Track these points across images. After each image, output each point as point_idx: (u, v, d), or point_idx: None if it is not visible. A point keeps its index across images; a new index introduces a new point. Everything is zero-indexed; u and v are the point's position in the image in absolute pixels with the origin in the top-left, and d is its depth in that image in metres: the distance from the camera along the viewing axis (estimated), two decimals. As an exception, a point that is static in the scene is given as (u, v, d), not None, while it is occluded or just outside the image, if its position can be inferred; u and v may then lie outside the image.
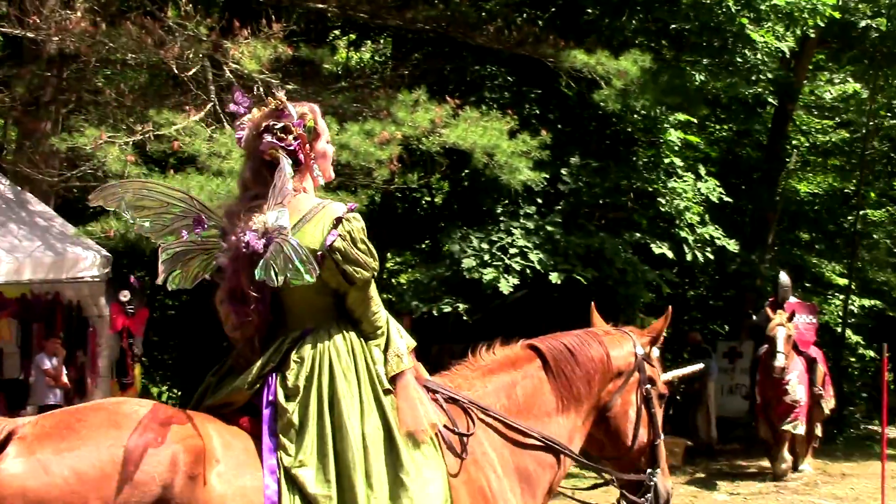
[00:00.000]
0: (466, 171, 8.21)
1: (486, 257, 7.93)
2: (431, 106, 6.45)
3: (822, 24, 9.61)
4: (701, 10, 8.89)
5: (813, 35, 10.34)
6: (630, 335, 2.94)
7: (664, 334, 3.01)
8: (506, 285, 7.80)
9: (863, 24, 10.36)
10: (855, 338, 11.94)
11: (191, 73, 6.15)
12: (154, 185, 2.46)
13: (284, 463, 2.12)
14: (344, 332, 2.26)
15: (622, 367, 2.85)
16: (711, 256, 9.41)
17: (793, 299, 9.27)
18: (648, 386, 2.88)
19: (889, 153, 12.75)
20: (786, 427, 8.70)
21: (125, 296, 7.53)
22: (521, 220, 8.24)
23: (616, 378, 2.83)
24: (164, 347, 13.00)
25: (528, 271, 7.99)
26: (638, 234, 8.85)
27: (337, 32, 10.74)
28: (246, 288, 2.19)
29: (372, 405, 2.24)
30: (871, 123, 11.80)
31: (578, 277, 8.19)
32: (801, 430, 8.92)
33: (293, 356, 2.20)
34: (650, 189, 8.90)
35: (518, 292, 8.26)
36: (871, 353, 12.11)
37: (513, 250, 8.00)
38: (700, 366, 8.54)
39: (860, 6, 10.33)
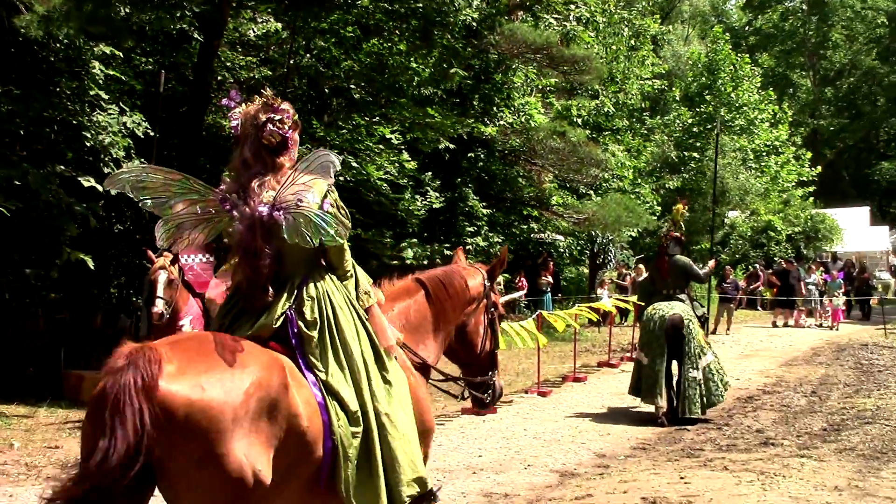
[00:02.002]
0: None
1: None
2: None
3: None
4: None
5: (236, -28, 14.65)
6: (480, 270, 5.58)
7: (501, 270, 5.67)
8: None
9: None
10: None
11: None
12: (153, 169, 4.28)
13: (320, 377, 4.13)
14: (328, 276, 4.36)
15: (475, 295, 5.44)
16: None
17: (213, 240, 13.01)
18: (493, 309, 5.54)
19: (309, 91, 18.23)
20: None
21: None
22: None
23: (471, 303, 5.42)
24: None
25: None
26: (63, 167, 12.03)
27: None
28: (261, 246, 4.14)
29: (361, 329, 4.38)
30: (291, 62, 16.93)
31: (1, 209, 11.06)
32: None
33: (305, 295, 4.21)
34: (75, 122, 12.15)
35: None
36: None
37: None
38: (521, 293, 12.08)
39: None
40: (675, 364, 13.07)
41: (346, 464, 4.14)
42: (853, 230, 39.66)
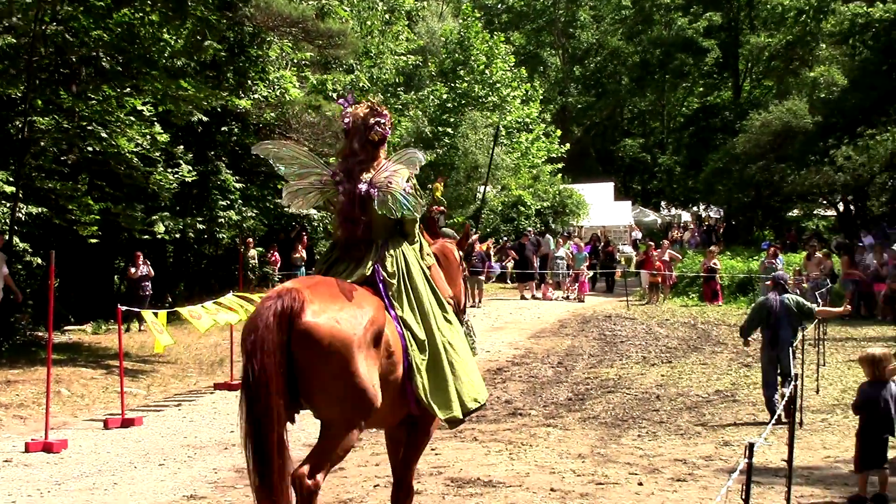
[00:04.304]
0: None
1: None
2: None
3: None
4: None
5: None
6: (454, 245, 7.53)
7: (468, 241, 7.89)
8: None
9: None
10: (23, 245, 17.29)
11: None
12: (288, 145, 6.60)
13: (398, 313, 6.01)
14: (402, 239, 6.34)
15: (459, 261, 7.40)
16: None
17: None
18: (465, 273, 7.56)
19: (56, 60, 18.44)
20: None
21: None
22: None
23: (458, 267, 7.37)
24: None
25: None
26: None
27: None
28: (358, 215, 6.14)
29: (426, 281, 6.33)
30: (37, 30, 17.11)
31: None
32: None
33: (387, 253, 6.17)
34: None
35: None
36: (39, 260, 17.64)
37: None
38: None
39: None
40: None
41: (419, 376, 5.96)
42: (599, 205, 42.69)
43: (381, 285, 6.11)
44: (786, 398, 8.75)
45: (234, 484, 9.36)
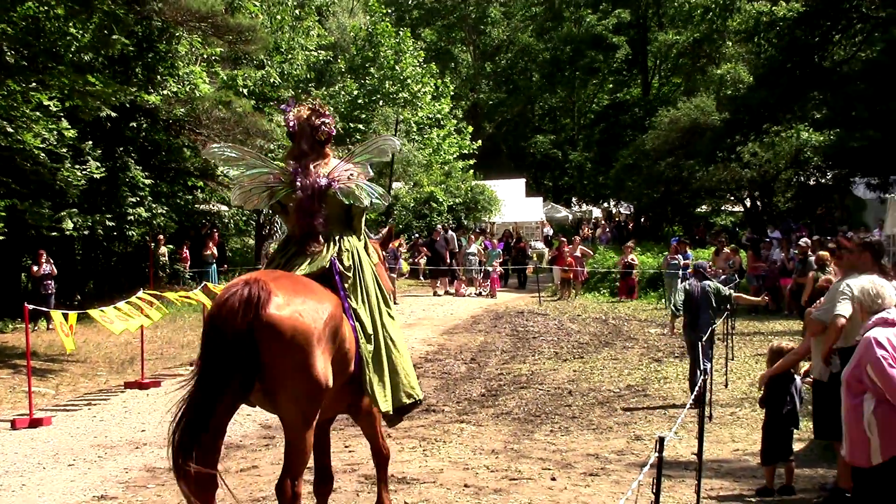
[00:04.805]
0: None
1: None
2: None
3: None
4: None
5: None
6: (377, 245, 7.69)
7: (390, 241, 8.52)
8: None
9: None
10: (-76, 245, 16.79)
11: None
12: (234, 147, 7.03)
13: (351, 304, 6.45)
14: (352, 233, 6.84)
15: (383, 261, 7.60)
16: None
17: None
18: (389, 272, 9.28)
19: (-43, 53, 17.99)
20: None
21: None
22: None
23: (382, 262, 7.57)
24: None
25: None
26: None
27: None
28: (317, 209, 6.56)
29: (374, 275, 6.83)
30: (-63, 22, 16.75)
31: None
32: None
33: (343, 246, 6.68)
34: None
35: None
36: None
37: None
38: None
39: None
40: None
41: (367, 369, 6.34)
42: (510, 201, 43.33)
43: (337, 277, 6.43)
44: (695, 392, 9.15)
45: (146, 484, 9.39)
